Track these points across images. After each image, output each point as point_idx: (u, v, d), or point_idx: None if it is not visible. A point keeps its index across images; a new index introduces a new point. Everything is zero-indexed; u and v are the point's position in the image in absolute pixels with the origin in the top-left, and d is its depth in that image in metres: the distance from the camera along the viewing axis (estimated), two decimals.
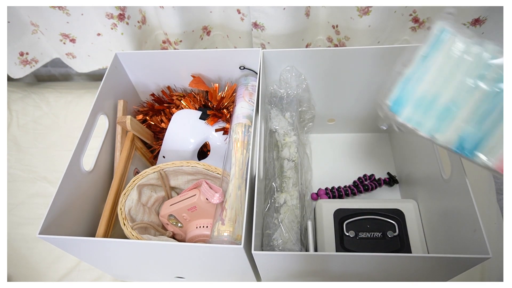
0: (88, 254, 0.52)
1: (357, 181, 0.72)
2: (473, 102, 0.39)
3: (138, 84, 0.73)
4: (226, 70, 0.68)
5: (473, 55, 0.39)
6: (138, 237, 0.51)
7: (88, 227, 0.56)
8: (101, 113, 0.60)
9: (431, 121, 0.40)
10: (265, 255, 0.45)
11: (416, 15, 0.75)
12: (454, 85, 0.40)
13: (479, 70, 0.39)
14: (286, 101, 0.66)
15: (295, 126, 0.65)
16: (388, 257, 0.43)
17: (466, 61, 0.39)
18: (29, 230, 0.73)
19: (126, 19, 0.77)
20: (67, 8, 0.77)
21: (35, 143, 0.89)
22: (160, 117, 0.69)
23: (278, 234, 0.55)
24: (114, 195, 0.57)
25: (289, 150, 0.64)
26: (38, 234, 0.45)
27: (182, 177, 0.61)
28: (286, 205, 0.59)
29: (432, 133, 0.40)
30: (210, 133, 0.64)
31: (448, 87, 0.40)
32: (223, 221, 0.49)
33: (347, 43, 0.79)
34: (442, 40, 0.41)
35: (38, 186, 0.81)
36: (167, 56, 0.66)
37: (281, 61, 0.63)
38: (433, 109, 0.40)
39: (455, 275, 0.48)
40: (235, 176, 0.53)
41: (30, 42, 0.89)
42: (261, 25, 0.76)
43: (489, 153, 0.39)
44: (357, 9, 0.71)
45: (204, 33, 0.86)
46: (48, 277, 0.68)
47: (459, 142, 0.40)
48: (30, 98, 0.98)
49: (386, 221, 0.60)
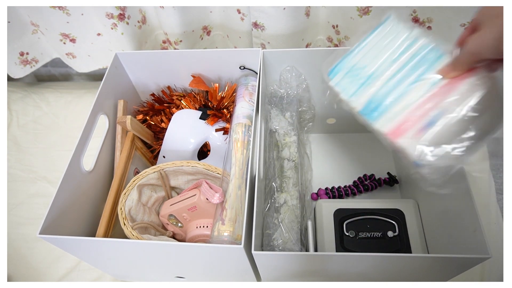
0: (88, 254, 0.52)
1: (357, 181, 0.72)
2: (388, 75, 0.44)
3: (138, 84, 0.73)
4: (226, 70, 0.68)
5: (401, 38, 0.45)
6: (138, 237, 0.51)
7: (88, 227, 0.56)
8: (101, 113, 0.60)
9: (353, 87, 0.46)
10: (265, 255, 0.45)
11: (416, 15, 0.75)
12: (380, 59, 0.45)
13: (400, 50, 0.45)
14: (286, 101, 0.66)
15: (295, 126, 0.65)
16: (388, 257, 0.43)
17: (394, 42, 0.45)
18: (29, 230, 0.73)
19: (126, 19, 0.77)
20: (67, 8, 0.77)
21: (35, 143, 0.89)
22: (160, 117, 0.69)
23: (278, 234, 0.55)
24: (114, 195, 0.57)
25: (289, 150, 0.64)
26: (38, 234, 0.45)
27: (182, 177, 0.61)
28: (286, 205, 0.59)
29: (351, 97, 0.46)
30: (210, 133, 0.64)
31: (374, 61, 0.45)
32: (223, 221, 0.49)
33: (347, 43, 0.79)
34: (383, 24, 0.47)
35: (38, 186, 0.81)
36: (167, 56, 0.66)
37: (281, 61, 0.63)
38: (358, 77, 0.46)
39: (455, 275, 0.48)
40: (235, 176, 0.53)
41: (30, 42, 0.89)
42: (261, 25, 0.76)
43: (386, 121, 0.43)
44: (357, 9, 0.71)
45: (204, 33, 0.86)
46: (48, 277, 0.68)
47: (365, 105, 0.45)
48: (30, 98, 0.98)
49: (386, 221, 0.60)
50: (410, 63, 0.43)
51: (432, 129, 0.40)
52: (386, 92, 0.44)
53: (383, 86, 0.44)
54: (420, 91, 0.42)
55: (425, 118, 0.40)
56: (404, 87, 0.43)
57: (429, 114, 0.40)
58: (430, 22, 0.74)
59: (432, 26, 0.74)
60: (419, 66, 0.43)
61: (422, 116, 0.41)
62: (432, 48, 0.42)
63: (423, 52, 0.43)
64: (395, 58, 0.44)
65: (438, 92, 0.40)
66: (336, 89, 0.47)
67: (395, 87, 0.43)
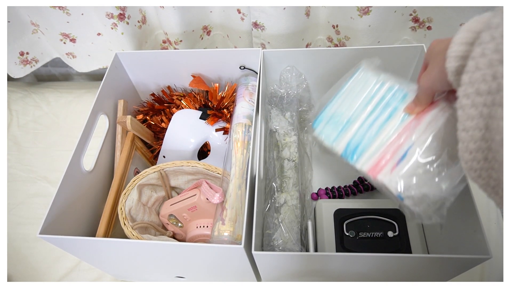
0: (88, 254, 0.52)
1: (357, 181, 0.72)
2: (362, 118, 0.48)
3: (138, 84, 0.73)
4: (226, 70, 0.68)
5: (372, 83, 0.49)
6: (139, 237, 0.51)
7: (88, 227, 0.56)
8: (101, 113, 0.60)
9: (334, 134, 0.49)
10: (265, 255, 0.45)
11: (416, 15, 0.75)
12: (355, 105, 0.49)
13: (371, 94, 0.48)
14: (286, 101, 0.66)
15: (295, 126, 0.65)
16: (388, 257, 0.43)
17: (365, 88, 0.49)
18: (29, 230, 0.73)
19: (126, 19, 0.77)
20: (67, 8, 0.77)
21: (35, 143, 0.89)
22: (160, 117, 0.69)
23: (278, 234, 0.55)
24: (114, 195, 0.57)
25: (289, 150, 0.64)
26: (38, 234, 0.45)
27: (182, 177, 0.61)
28: (286, 205, 0.59)
29: (332, 144, 0.49)
30: (210, 133, 0.64)
31: (351, 107, 0.49)
32: (223, 221, 0.49)
33: (347, 43, 0.79)
34: (356, 73, 0.51)
35: (38, 186, 0.81)
36: (167, 56, 0.66)
37: (281, 61, 0.63)
38: (337, 124, 0.50)
39: (455, 275, 0.48)
40: (236, 176, 0.53)
41: (30, 42, 0.89)
42: (261, 25, 0.76)
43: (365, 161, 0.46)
44: (357, 9, 0.71)
45: (204, 33, 0.86)
46: (48, 277, 0.68)
47: (345, 149, 0.48)
48: (30, 98, 0.98)
49: (386, 221, 0.60)
50: (380, 104, 0.47)
51: (404, 162, 0.42)
52: (362, 134, 0.47)
53: (359, 128, 0.48)
54: (391, 129, 0.45)
55: (397, 153, 0.43)
56: (377, 127, 0.46)
57: (401, 149, 0.43)
58: (430, 22, 0.74)
59: (432, 26, 0.75)
60: (388, 106, 0.46)
61: (395, 151, 0.44)
62: (397, 89, 0.46)
63: (390, 93, 0.47)
64: (367, 102, 0.48)
65: (407, 127, 0.44)
66: (320, 138, 0.51)
67: (369, 128, 0.47)
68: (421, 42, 0.76)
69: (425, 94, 0.41)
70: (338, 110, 0.50)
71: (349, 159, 0.47)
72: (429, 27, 0.75)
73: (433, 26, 0.74)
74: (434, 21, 0.73)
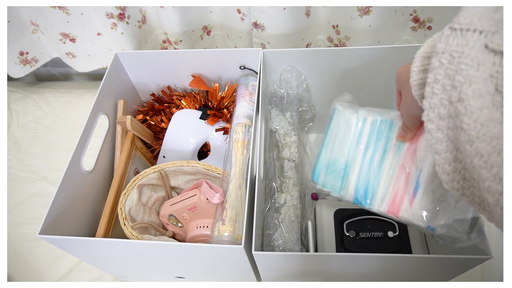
0: (88, 254, 0.52)
1: None
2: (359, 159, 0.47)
3: (138, 84, 0.73)
4: (226, 70, 0.68)
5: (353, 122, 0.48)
6: (139, 237, 0.51)
7: (88, 227, 0.56)
8: (101, 113, 0.60)
9: (338, 183, 0.48)
10: (265, 255, 0.45)
11: (416, 15, 0.75)
12: (345, 148, 0.48)
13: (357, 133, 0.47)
14: (287, 101, 0.66)
15: (295, 126, 0.65)
16: (388, 257, 0.43)
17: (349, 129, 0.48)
18: (29, 230, 0.73)
19: (126, 19, 0.77)
20: (67, 8, 0.77)
21: (35, 143, 0.89)
22: (160, 117, 0.69)
23: (279, 234, 0.55)
24: (114, 195, 0.57)
25: (290, 150, 0.64)
26: (38, 234, 0.45)
27: (182, 177, 0.61)
28: (287, 205, 0.59)
29: (340, 192, 0.47)
30: (210, 133, 0.64)
31: (342, 151, 0.48)
32: (223, 221, 0.49)
33: (347, 43, 0.79)
34: (333, 117, 0.50)
35: (38, 186, 0.80)
36: (167, 56, 0.66)
37: (281, 61, 0.63)
38: (337, 172, 0.48)
39: (455, 275, 0.48)
40: (236, 176, 0.53)
41: (30, 42, 0.89)
42: (261, 25, 0.76)
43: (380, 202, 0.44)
44: (357, 9, 0.71)
45: (204, 33, 0.86)
46: (48, 277, 0.68)
47: (355, 195, 0.46)
48: (30, 98, 0.98)
49: (387, 221, 0.60)
50: (371, 140, 0.46)
51: (420, 191, 0.41)
52: (365, 175, 0.46)
53: (360, 170, 0.46)
54: (392, 161, 0.44)
55: (409, 184, 0.42)
56: (378, 163, 0.45)
57: (411, 179, 0.42)
58: (431, 22, 0.74)
59: (432, 26, 0.74)
60: (380, 139, 0.46)
61: (406, 183, 0.43)
62: (381, 121, 0.46)
63: (376, 126, 0.46)
64: (357, 142, 0.47)
65: (407, 156, 0.43)
66: (325, 190, 0.49)
67: (370, 166, 0.46)
68: (421, 42, 0.76)
69: (410, 121, 0.42)
70: (332, 157, 0.49)
71: (363, 205, 0.46)
72: (429, 27, 0.75)
73: (433, 26, 0.74)
74: (434, 21, 0.73)
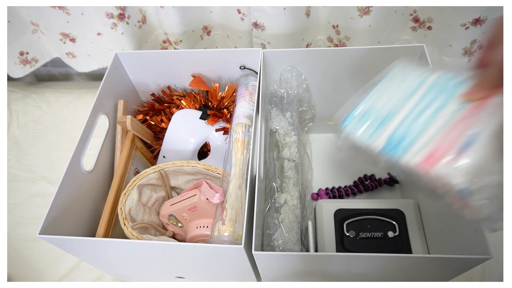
0: (88, 254, 0.52)
1: (357, 181, 0.72)
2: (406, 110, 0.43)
3: (138, 84, 0.73)
4: (226, 70, 0.68)
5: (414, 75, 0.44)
6: (139, 237, 0.51)
7: (88, 227, 0.56)
8: (101, 113, 0.60)
9: (370, 130, 0.44)
10: (265, 255, 0.45)
11: (416, 15, 0.75)
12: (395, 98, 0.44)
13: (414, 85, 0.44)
14: (287, 101, 0.66)
15: (295, 126, 0.65)
16: (388, 257, 0.43)
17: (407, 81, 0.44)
18: (29, 230, 0.73)
19: (126, 19, 0.77)
20: (67, 8, 0.77)
21: (35, 143, 0.89)
22: (160, 117, 0.69)
23: (279, 234, 0.55)
24: (114, 195, 0.57)
25: (290, 150, 0.64)
26: (38, 234, 0.45)
27: (182, 177, 0.61)
28: (287, 205, 0.59)
29: (368, 139, 0.43)
30: (210, 133, 0.64)
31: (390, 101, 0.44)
32: (223, 221, 0.49)
33: (347, 43, 0.79)
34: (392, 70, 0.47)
35: (38, 186, 0.80)
36: (167, 56, 0.66)
37: (281, 61, 0.63)
38: (374, 120, 0.44)
39: (455, 276, 0.48)
40: (236, 176, 0.53)
41: (30, 42, 0.89)
42: (261, 25, 0.76)
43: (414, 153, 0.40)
44: (357, 9, 0.71)
45: (204, 33, 0.86)
46: (48, 277, 0.68)
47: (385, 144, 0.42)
48: (30, 98, 0.98)
49: (387, 221, 0.60)
50: (428, 94, 0.42)
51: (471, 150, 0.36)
52: (407, 126, 0.41)
53: (402, 121, 0.42)
54: (446, 118, 0.39)
55: (460, 140, 0.37)
56: (427, 118, 0.40)
57: (464, 135, 0.37)
58: (431, 22, 0.74)
59: (432, 26, 0.74)
60: (440, 95, 0.41)
61: (456, 139, 0.37)
62: (450, 77, 0.41)
63: (440, 82, 0.42)
64: (411, 94, 0.43)
65: (468, 114, 0.38)
66: (353, 136, 0.45)
67: (415, 119, 0.41)
68: (421, 42, 0.76)
69: (495, 73, 0.35)
70: (374, 105, 0.44)
71: (391, 154, 0.41)
72: (429, 27, 0.75)
73: (433, 26, 0.74)
74: (435, 21, 0.73)
